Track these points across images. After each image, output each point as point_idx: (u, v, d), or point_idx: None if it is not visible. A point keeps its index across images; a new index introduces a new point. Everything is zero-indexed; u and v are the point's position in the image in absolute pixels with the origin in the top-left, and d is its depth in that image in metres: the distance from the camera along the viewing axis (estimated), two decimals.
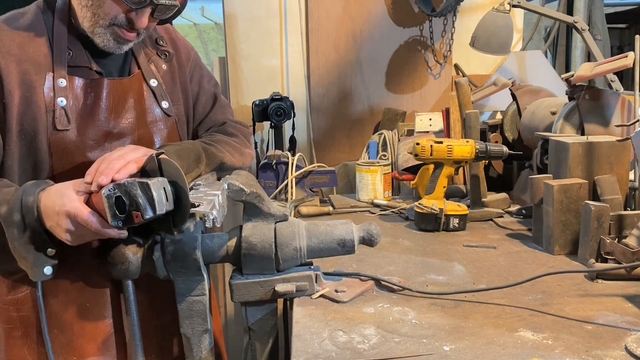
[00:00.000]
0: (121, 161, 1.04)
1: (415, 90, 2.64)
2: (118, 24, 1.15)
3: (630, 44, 3.92)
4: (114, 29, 1.16)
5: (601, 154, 1.39)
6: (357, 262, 1.33)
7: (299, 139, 2.54)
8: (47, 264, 1.07)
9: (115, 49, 1.20)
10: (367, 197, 1.89)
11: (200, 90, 1.44)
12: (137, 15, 1.15)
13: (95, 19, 1.15)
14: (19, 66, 1.14)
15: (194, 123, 1.43)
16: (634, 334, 0.94)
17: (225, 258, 1.14)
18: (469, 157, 1.57)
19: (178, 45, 1.41)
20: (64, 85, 1.17)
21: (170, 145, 1.21)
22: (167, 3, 1.15)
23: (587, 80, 1.55)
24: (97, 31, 1.16)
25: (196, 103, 1.43)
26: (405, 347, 0.93)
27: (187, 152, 1.19)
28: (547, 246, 1.38)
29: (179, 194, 1.02)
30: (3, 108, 1.13)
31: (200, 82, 1.44)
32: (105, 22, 1.15)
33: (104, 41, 1.17)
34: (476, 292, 1.14)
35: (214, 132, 1.42)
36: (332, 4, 2.52)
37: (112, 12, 1.14)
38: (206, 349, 1.16)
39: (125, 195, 0.98)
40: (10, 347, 1.22)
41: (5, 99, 1.13)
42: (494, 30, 2.11)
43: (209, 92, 1.46)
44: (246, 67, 2.57)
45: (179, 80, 1.37)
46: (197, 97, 1.43)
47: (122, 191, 0.98)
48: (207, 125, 1.45)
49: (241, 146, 1.41)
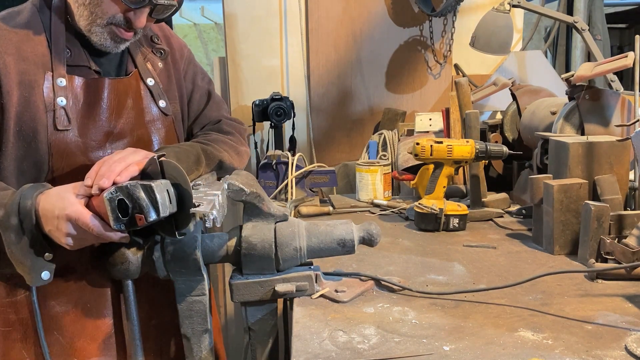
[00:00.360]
0: (122, 164, 1.03)
1: (415, 90, 2.64)
2: (116, 23, 1.15)
3: (630, 44, 3.92)
4: (111, 28, 1.16)
5: (601, 154, 1.39)
6: (357, 262, 1.33)
7: (299, 139, 2.54)
8: (44, 269, 1.05)
9: (112, 48, 1.19)
10: (367, 197, 1.89)
11: (194, 87, 1.43)
12: (136, 14, 1.14)
13: (92, 18, 1.14)
14: (17, 66, 1.13)
15: (188, 120, 1.42)
16: (634, 334, 0.94)
17: (225, 258, 1.14)
18: (469, 157, 1.57)
19: (172, 42, 1.40)
20: (63, 84, 1.16)
21: (169, 147, 1.20)
22: (166, 3, 1.15)
23: (587, 80, 1.55)
24: (94, 30, 1.15)
25: (190, 100, 1.42)
26: (405, 347, 0.93)
27: (187, 154, 1.19)
28: (547, 246, 1.38)
29: (182, 196, 1.01)
30: (1, 109, 1.12)
31: (194, 79, 1.43)
32: (102, 21, 1.14)
33: (100, 40, 1.17)
34: (476, 292, 1.14)
35: (209, 131, 1.41)
36: (332, 4, 2.52)
37: (110, 11, 1.13)
38: (206, 349, 1.16)
39: (127, 198, 0.97)
40: (9, 350, 1.21)
41: (3, 99, 1.12)
42: (494, 30, 2.11)
43: (202, 89, 1.45)
44: (246, 67, 2.57)
45: (174, 77, 1.36)
46: (191, 95, 1.42)
47: (124, 194, 0.97)
48: (201, 122, 1.44)
49: (237, 144, 1.40)
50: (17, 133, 1.13)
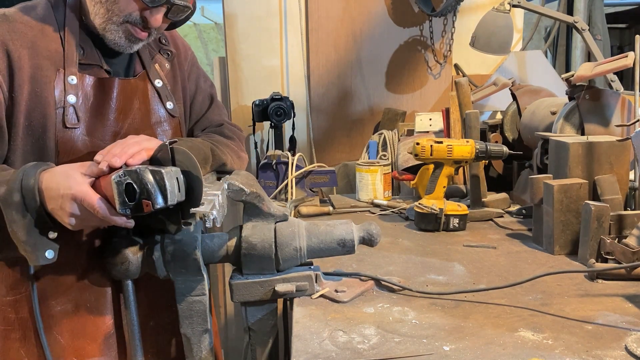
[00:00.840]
0: (136, 147, 1.02)
1: (415, 90, 2.64)
2: (132, 22, 1.15)
3: (630, 44, 3.92)
4: (127, 27, 1.15)
5: (601, 154, 1.39)
6: (357, 262, 1.33)
7: (299, 139, 2.54)
8: (48, 247, 1.03)
9: (126, 47, 1.19)
10: (367, 197, 1.89)
11: (197, 89, 1.43)
12: (152, 14, 1.14)
13: (108, 15, 1.14)
14: (31, 60, 1.13)
15: (190, 122, 1.42)
16: (634, 334, 0.94)
17: (225, 258, 1.14)
18: (469, 157, 1.57)
19: (177, 43, 1.40)
20: (74, 82, 1.16)
21: (182, 140, 1.19)
22: (181, 4, 1.15)
23: (587, 80, 1.55)
24: (110, 28, 1.15)
25: (193, 102, 1.42)
26: (405, 347, 0.93)
27: (198, 150, 1.18)
28: (547, 246, 1.38)
29: (193, 184, 1.00)
30: (12, 102, 1.12)
31: (197, 81, 1.43)
32: (119, 19, 1.14)
33: (115, 38, 1.16)
34: (476, 292, 1.14)
35: (211, 133, 1.41)
36: (332, 4, 2.52)
37: (128, 9, 1.13)
38: (206, 349, 1.16)
39: (136, 182, 0.94)
40: (8, 349, 1.20)
41: (15, 93, 1.12)
42: (494, 30, 2.11)
43: (205, 92, 1.45)
44: (246, 67, 2.57)
45: (180, 79, 1.37)
46: (194, 97, 1.42)
47: (133, 178, 0.94)
48: (203, 125, 1.44)
49: (238, 149, 1.40)
50: (27, 128, 1.13)
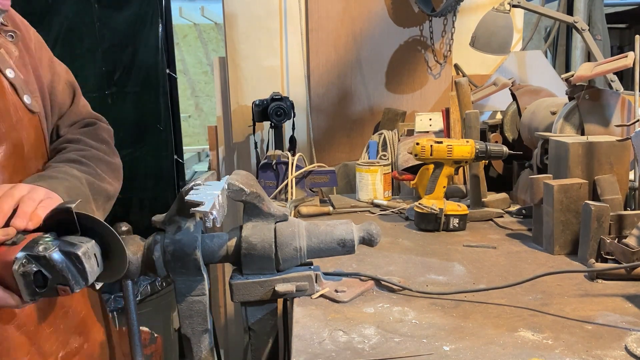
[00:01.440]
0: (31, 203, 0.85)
1: (415, 90, 2.64)
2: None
3: (630, 44, 3.92)
4: None
5: (601, 154, 1.39)
6: (357, 262, 1.33)
7: (299, 139, 2.54)
8: None
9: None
10: (367, 197, 1.89)
11: (54, 76, 1.18)
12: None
13: None
14: None
15: (53, 117, 1.17)
16: (634, 334, 0.94)
17: (225, 258, 1.14)
18: (469, 157, 1.57)
19: (17, 22, 1.11)
20: None
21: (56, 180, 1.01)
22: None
23: (587, 80, 1.55)
24: None
25: (52, 92, 1.17)
26: (405, 347, 0.93)
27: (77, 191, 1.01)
28: (547, 246, 1.38)
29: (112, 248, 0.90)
30: None
31: (52, 66, 1.18)
32: None
33: None
34: (476, 292, 1.14)
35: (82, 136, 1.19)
36: (332, 4, 2.52)
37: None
38: (206, 349, 1.16)
39: (47, 269, 0.80)
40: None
41: None
42: (494, 30, 2.11)
43: (64, 79, 1.21)
44: (246, 67, 2.57)
45: (31, 66, 1.11)
46: (52, 85, 1.17)
47: (42, 264, 0.80)
48: (70, 119, 1.21)
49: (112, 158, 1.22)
50: None
